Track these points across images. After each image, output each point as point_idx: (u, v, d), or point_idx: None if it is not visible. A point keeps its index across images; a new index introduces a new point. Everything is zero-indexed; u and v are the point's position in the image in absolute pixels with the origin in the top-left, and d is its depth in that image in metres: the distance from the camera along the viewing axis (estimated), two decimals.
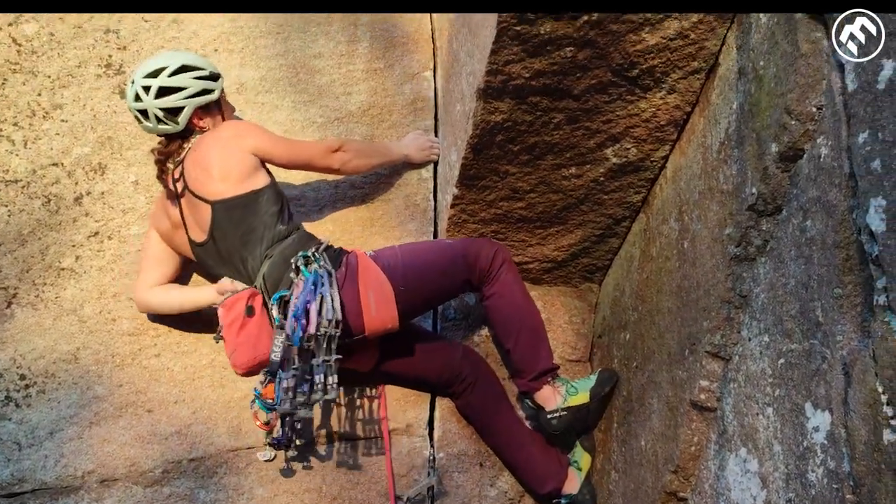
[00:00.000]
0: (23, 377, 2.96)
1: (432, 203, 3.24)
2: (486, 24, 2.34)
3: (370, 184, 3.23)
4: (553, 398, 2.82)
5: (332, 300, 2.56)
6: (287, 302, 2.61)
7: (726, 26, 2.22)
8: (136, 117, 2.86)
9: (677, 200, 2.50)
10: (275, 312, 2.62)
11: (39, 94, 3.33)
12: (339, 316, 2.55)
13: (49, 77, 3.35)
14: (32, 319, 3.03)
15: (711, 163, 2.27)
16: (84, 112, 3.32)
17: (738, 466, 2.05)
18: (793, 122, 1.86)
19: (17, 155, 3.24)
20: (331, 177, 3.14)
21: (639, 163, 2.65)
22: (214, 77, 2.89)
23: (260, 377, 2.64)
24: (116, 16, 3.45)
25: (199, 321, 3.02)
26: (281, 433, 2.69)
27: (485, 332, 3.13)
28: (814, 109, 1.82)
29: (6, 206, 3.18)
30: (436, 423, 3.00)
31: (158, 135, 2.90)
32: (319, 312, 2.53)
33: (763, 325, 2.00)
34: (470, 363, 2.91)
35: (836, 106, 1.73)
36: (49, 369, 2.97)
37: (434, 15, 3.51)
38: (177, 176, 2.85)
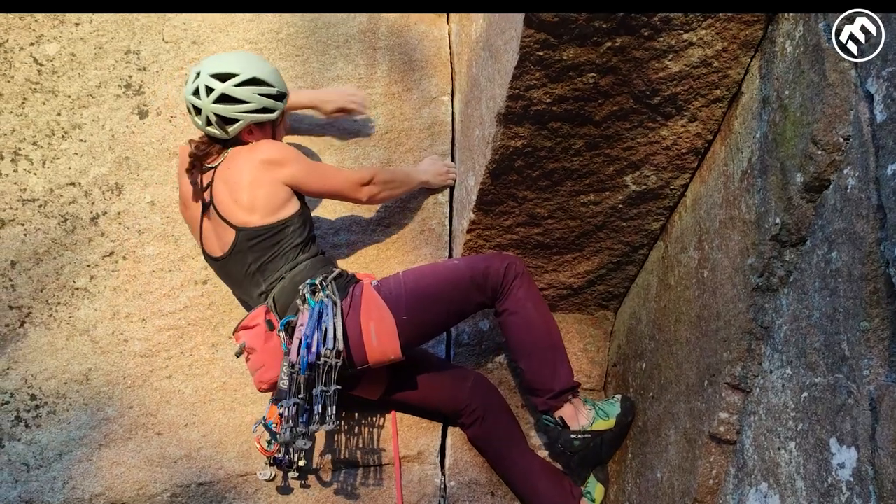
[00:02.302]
0: (33, 397, 2.94)
1: (448, 227, 3.22)
2: (508, 49, 2.33)
3: (386, 207, 3.22)
4: (577, 417, 2.74)
5: (335, 330, 2.54)
6: (293, 328, 2.61)
7: (750, 55, 2.20)
8: (188, 108, 2.78)
9: (697, 229, 2.48)
10: (283, 337, 2.62)
11: (59, 114, 3.34)
12: (341, 346, 2.53)
13: (69, 97, 3.37)
14: (45, 339, 3.02)
15: (733, 192, 2.25)
16: (103, 132, 3.33)
17: (758, 501, 2.01)
18: (819, 152, 1.83)
19: (34, 174, 3.25)
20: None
21: (658, 190, 2.63)
22: (280, 97, 2.82)
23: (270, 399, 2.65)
24: (137, 37, 3.47)
25: (210, 344, 3.01)
26: (282, 455, 2.70)
27: (499, 358, 3.10)
28: (841, 140, 1.80)
29: (22, 224, 3.18)
30: (447, 451, 2.96)
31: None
32: (323, 342, 2.52)
33: (785, 357, 1.96)
34: (480, 393, 2.87)
35: (864, 136, 1.70)
36: (60, 390, 2.96)
37: (453, 39, 3.52)
38: (205, 182, 2.80)
